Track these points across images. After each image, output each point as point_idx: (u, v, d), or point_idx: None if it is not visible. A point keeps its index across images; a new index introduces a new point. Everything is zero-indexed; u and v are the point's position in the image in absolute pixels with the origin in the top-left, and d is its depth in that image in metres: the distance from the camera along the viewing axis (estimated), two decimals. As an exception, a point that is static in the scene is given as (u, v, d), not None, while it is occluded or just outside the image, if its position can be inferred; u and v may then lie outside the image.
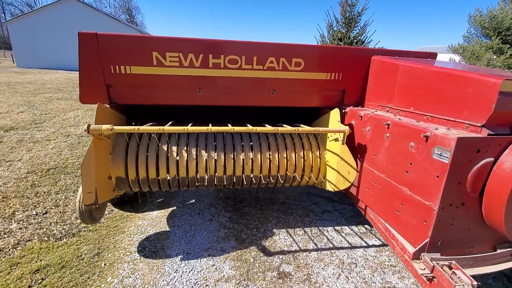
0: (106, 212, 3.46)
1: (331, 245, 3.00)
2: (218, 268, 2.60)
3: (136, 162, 2.68)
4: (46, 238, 2.93)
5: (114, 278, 2.46)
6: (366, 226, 3.39)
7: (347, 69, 2.93)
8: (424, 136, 1.89)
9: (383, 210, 2.42)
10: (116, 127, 2.23)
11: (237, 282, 2.44)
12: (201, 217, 3.40)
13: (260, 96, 2.91)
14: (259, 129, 2.42)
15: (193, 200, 3.78)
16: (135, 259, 2.68)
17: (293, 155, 2.97)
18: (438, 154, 1.80)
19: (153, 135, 2.72)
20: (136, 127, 2.26)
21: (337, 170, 2.88)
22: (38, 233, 3.00)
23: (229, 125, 2.58)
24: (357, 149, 2.75)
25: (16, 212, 3.32)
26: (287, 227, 3.27)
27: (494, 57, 15.12)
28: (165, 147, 2.76)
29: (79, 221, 3.26)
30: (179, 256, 2.73)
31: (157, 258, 2.70)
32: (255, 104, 2.97)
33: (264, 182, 2.97)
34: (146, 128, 2.29)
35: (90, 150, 2.32)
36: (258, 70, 2.75)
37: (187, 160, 2.75)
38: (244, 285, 2.41)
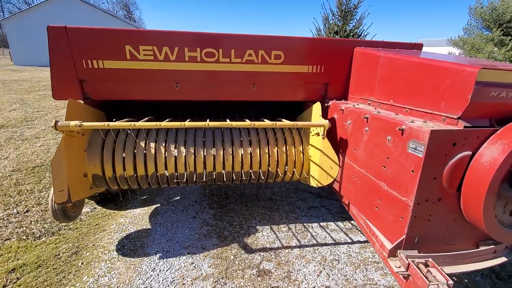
0: (88, 210, 3.42)
1: (314, 242, 2.94)
2: (196, 266, 2.55)
3: (113, 159, 2.62)
4: (24, 237, 2.88)
5: (89, 277, 2.41)
6: (352, 222, 3.33)
7: (330, 61, 2.84)
8: (399, 129, 1.82)
9: (363, 206, 2.36)
10: (85, 123, 2.16)
11: (214, 281, 2.39)
12: (185, 214, 3.35)
13: (240, 90, 2.83)
14: (234, 123, 2.35)
15: (178, 197, 3.73)
16: (113, 258, 2.63)
17: (275, 150, 2.90)
18: (413, 148, 1.73)
19: (129, 132, 2.65)
20: (106, 123, 2.19)
21: (320, 165, 2.81)
22: (17, 232, 2.96)
23: (207, 120, 2.52)
24: (339, 144, 2.67)
25: (-3, 211, 3.28)
26: (272, 224, 3.22)
27: (495, 49, 14.91)
28: (142, 144, 2.69)
29: (60, 219, 3.21)
30: (158, 254, 2.68)
31: (136, 257, 2.65)
32: (235, 98, 2.89)
33: (246, 178, 2.90)
34: (116, 124, 2.22)
35: (60, 147, 2.25)
36: (236, 63, 2.66)
37: (165, 156, 2.69)
38: (222, 283, 2.36)
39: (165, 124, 2.28)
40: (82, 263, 2.57)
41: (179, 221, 3.21)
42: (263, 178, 2.93)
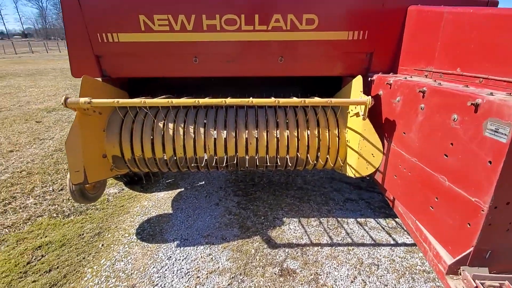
0: (116, 191, 3.42)
1: (349, 241, 2.55)
2: (214, 258, 2.34)
3: (131, 140, 2.49)
4: (55, 215, 2.96)
5: (107, 260, 2.35)
6: (397, 219, 2.84)
7: (376, 25, 2.31)
8: (472, 104, 1.32)
9: (413, 204, 1.90)
10: (94, 100, 2.01)
11: (231, 276, 2.16)
12: (208, 200, 3.16)
13: (265, 64, 2.47)
14: (255, 100, 2.01)
15: (203, 182, 3.56)
16: (132, 242, 2.55)
17: (306, 133, 2.51)
18: (492, 130, 1.23)
19: (147, 111, 2.48)
20: (116, 100, 2.02)
21: (359, 152, 2.36)
22: (49, 209, 3.05)
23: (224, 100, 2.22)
24: (384, 126, 2.19)
25: (35, 188, 3.44)
26: (300, 216, 2.88)
27: None
28: (161, 124, 2.51)
29: (89, 199, 3.26)
30: (175, 242, 2.53)
31: (153, 242, 2.54)
32: (260, 74, 2.54)
33: (271, 164, 2.58)
34: (126, 101, 2.03)
35: (75, 126, 2.15)
36: (261, 31, 2.29)
37: (184, 138, 2.48)
38: (239, 281, 2.12)
39: (177, 101, 2.04)
40: (102, 245, 2.53)
41: (201, 207, 3.04)
42: (290, 165, 2.58)
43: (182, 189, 3.41)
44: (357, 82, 2.28)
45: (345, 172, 2.67)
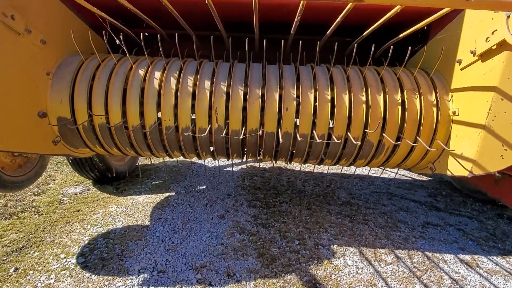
0: (78, 190, 2.36)
1: (464, 296, 1.37)
2: (210, 314, 1.20)
3: (89, 93, 1.51)
4: (-29, 216, 1.89)
5: (8, 302, 1.23)
6: (527, 261, 1.65)
7: None
8: None
9: None
10: None
11: None
12: (208, 210, 2.05)
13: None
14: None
15: (204, 187, 2.47)
16: (65, 269, 1.44)
17: (380, 98, 1.48)
18: None
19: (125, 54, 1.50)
20: None
21: (486, 129, 1.29)
22: (-32, 208, 1.99)
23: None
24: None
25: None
26: (360, 245, 1.72)
27: None
28: (141, 72, 1.54)
29: (33, 196, 2.20)
30: (141, 276, 1.40)
31: (102, 274, 1.41)
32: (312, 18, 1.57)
33: (317, 150, 1.53)
34: None
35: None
36: None
37: (176, 95, 1.49)
38: None
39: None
40: (15, 270, 1.43)
41: (196, 219, 1.92)
42: (350, 154, 1.52)
43: (172, 193, 2.32)
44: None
45: (441, 170, 1.57)
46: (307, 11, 1.48)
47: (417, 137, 1.48)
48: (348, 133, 1.48)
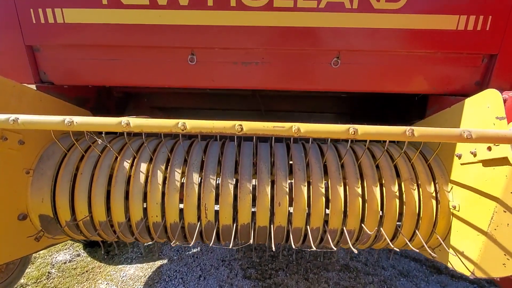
0: (67, 257, 2.28)
1: None
2: None
3: (72, 192, 1.44)
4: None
5: None
6: None
7: (506, 7, 1.33)
8: None
9: None
10: (25, 118, 0.99)
11: None
12: (202, 284, 1.97)
13: (311, 68, 1.46)
14: (303, 129, 0.96)
15: (197, 249, 2.39)
16: None
17: (376, 190, 1.42)
18: None
19: (108, 145, 1.44)
20: (67, 119, 0.97)
21: (488, 233, 1.23)
22: None
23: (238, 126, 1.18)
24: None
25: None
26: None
27: None
28: (126, 166, 1.47)
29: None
30: None
31: None
32: (296, 87, 1.53)
33: (313, 239, 1.46)
34: (89, 120, 0.99)
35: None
36: (305, 10, 1.33)
37: (163, 191, 1.43)
38: None
39: (143, 124, 0.99)
40: None
41: (189, 301, 1.85)
42: (350, 241, 1.46)
43: (165, 261, 2.24)
44: (492, 99, 1.21)
45: (443, 260, 1.51)
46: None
47: (416, 231, 1.42)
48: (344, 226, 1.42)
